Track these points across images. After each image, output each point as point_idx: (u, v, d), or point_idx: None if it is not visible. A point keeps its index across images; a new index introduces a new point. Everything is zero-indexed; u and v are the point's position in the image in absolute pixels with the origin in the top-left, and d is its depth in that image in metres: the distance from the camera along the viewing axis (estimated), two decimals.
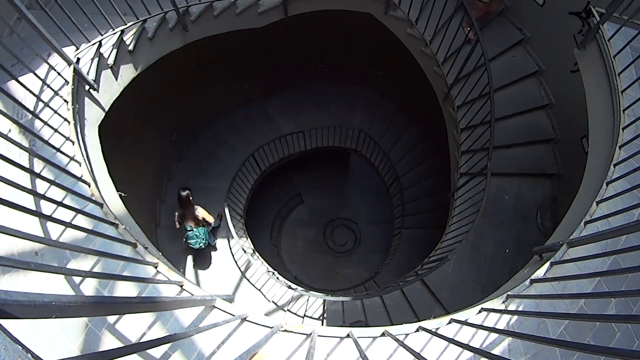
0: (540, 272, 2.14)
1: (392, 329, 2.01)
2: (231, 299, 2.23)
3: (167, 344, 1.83)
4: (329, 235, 9.76)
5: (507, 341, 1.94)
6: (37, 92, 2.56)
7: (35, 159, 2.35)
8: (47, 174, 2.33)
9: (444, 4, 4.30)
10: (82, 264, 2.13)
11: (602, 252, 1.86)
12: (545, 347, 1.89)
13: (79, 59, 2.92)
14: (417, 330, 2.02)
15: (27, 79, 2.48)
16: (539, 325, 2.01)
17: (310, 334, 1.95)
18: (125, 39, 3.34)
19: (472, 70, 4.22)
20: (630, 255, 2.05)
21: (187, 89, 6.61)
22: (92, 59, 3.02)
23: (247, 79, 7.70)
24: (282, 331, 1.97)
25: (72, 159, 2.47)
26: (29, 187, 2.22)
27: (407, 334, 2.01)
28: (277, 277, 6.15)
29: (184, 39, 3.98)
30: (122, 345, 1.83)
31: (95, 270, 2.10)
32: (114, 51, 3.21)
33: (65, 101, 2.69)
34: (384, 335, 1.98)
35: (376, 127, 8.34)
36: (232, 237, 6.42)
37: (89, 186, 2.39)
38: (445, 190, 5.42)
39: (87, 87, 2.98)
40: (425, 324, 2.04)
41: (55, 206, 2.13)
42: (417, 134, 8.21)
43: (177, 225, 5.43)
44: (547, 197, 4.67)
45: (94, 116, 3.07)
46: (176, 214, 5.38)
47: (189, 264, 6.44)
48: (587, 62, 3.09)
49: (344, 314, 4.99)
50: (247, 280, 6.23)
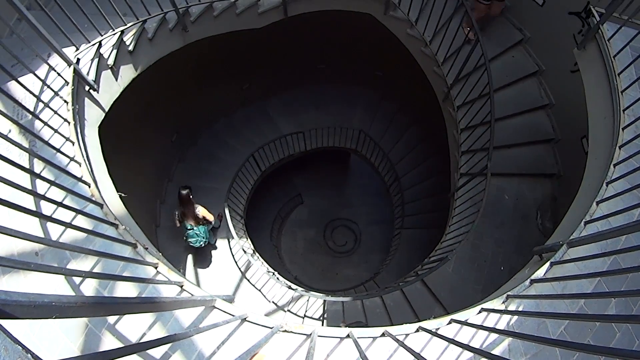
0: (540, 272, 2.14)
1: (392, 329, 2.01)
2: (231, 300, 2.23)
3: (167, 344, 1.83)
4: (329, 235, 9.76)
5: (507, 341, 1.94)
6: (37, 93, 2.56)
7: (35, 160, 2.35)
8: (47, 174, 2.33)
9: (443, 4, 4.30)
10: (82, 264, 2.13)
11: (602, 252, 1.86)
12: (545, 347, 1.89)
13: (79, 60, 2.93)
14: (417, 330, 2.02)
15: (27, 80, 2.48)
16: (539, 325, 2.01)
17: (310, 335, 1.95)
18: (125, 39, 3.34)
19: (472, 70, 4.22)
20: (630, 255, 2.05)
21: (187, 89, 6.61)
22: (92, 60, 3.03)
23: (247, 80, 7.70)
24: (282, 331, 1.97)
25: (72, 159, 2.47)
26: (29, 187, 2.22)
27: (407, 334, 2.01)
28: (277, 278, 6.15)
29: (183, 40, 3.98)
30: (122, 345, 1.83)
31: (95, 270, 2.10)
32: (114, 52, 3.21)
33: (65, 102, 2.69)
34: (384, 335, 1.98)
35: (376, 127, 8.34)
36: (232, 238, 6.42)
37: (89, 187, 2.40)
38: (445, 190, 5.42)
39: (87, 88, 2.99)
40: (425, 324, 2.04)
41: (55, 207, 2.13)
42: (417, 134, 8.21)
43: (178, 223, 5.43)
44: (547, 197, 4.67)
45: (94, 117, 3.07)
46: (176, 212, 5.38)
47: (189, 265, 6.44)
48: (587, 62, 3.09)
49: (344, 314, 4.98)
50: (247, 280, 6.23)
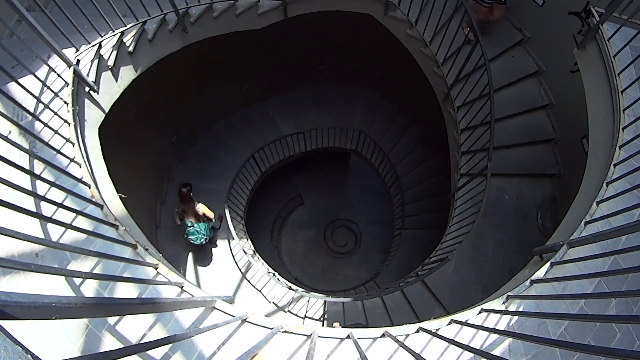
0: (540, 273, 2.14)
1: (393, 330, 2.01)
2: (231, 300, 2.23)
3: (168, 345, 1.83)
4: (329, 236, 9.76)
5: (507, 342, 1.94)
6: (37, 94, 2.56)
7: (35, 161, 2.35)
8: (47, 175, 2.33)
9: (443, 4, 4.30)
10: (83, 265, 2.13)
11: (603, 253, 1.86)
12: (545, 348, 1.89)
13: (78, 61, 2.93)
14: (417, 331, 2.02)
15: (27, 81, 2.48)
16: (540, 325, 2.00)
17: (310, 335, 1.95)
18: (125, 40, 3.34)
19: (472, 70, 4.22)
20: (630, 255, 2.05)
21: (187, 90, 6.61)
22: (92, 61, 3.03)
23: (247, 80, 7.70)
24: (283, 332, 1.97)
25: (72, 160, 2.47)
26: (29, 188, 2.22)
27: (407, 335, 2.01)
28: (278, 278, 6.15)
29: (183, 41, 3.98)
30: (122, 346, 1.83)
31: (95, 271, 2.10)
32: (114, 53, 3.21)
33: (65, 103, 2.70)
34: (384, 336, 1.98)
35: (376, 127, 8.34)
36: (233, 238, 6.42)
37: (89, 187, 2.40)
38: (445, 190, 5.42)
39: (87, 89, 2.99)
40: (425, 325, 2.04)
41: (55, 208, 2.13)
42: (417, 134, 8.21)
43: (178, 221, 5.43)
44: (547, 197, 4.67)
45: (94, 117, 3.07)
46: (176, 210, 5.38)
47: (190, 265, 6.44)
48: (587, 62, 3.09)
49: (344, 315, 4.98)
50: (248, 281, 6.23)
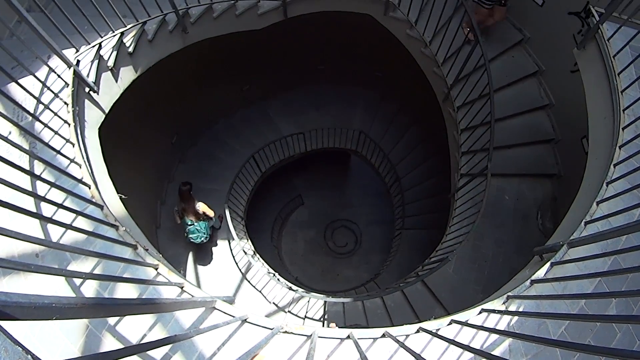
0: (540, 273, 2.14)
1: (393, 330, 2.01)
2: (232, 301, 2.23)
3: (168, 346, 1.83)
4: (329, 236, 9.76)
5: (507, 342, 1.94)
6: (37, 95, 2.57)
7: (35, 161, 2.35)
8: (47, 176, 2.33)
9: (443, 4, 4.31)
10: (83, 265, 2.13)
11: (603, 253, 1.86)
12: (545, 348, 1.89)
13: (78, 61, 2.93)
14: (417, 331, 2.02)
15: (27, 81, 2.48)
16: (540, 325, 2.00)
17: (310, 335, 1.95)
18: (125, 41, 3.34)
19: (472, 70, 4.22)
20: (630, 255, 2.05)
21: (187, 90, 6.62)
22: (92, 61, 3.03)
23: (247, 80, 7.71)
24: (283, 332, 1.97)
25: (72, 161, 2.47)
26: (30, 189, 2.22)
27: (407, 335, 2.01)
28: (278, 279, 6.15)
29: (183, 41, 3.98)
30: (122, 346, 1.83)
31: (95, 272, 2.10)
32: (114, 53, 3.21)
33: (65, 103, 2.70)
34: (384, 336, 1.98)
35: (376, 128, 8.34)
36: (233, 239, 6.42)
37: (89, 188, 2.40)
38: (445, 191, 5.42)
39: (87, 89, 2.99)
40: (425, 325, 2.03)
41: (55, 208, 2.13)
42: (418, 134, 8.21)
43: (178, 220, 5.43)
44: (547, 197, 4.67)
45: (94, 118, 3.08)
46: (176, 208, 5.37)
47: (190, 266, 6.44)
48: (587, 62, 3.09)
49: (344, 315, 4.98)
50: (248, 281, 6.23)
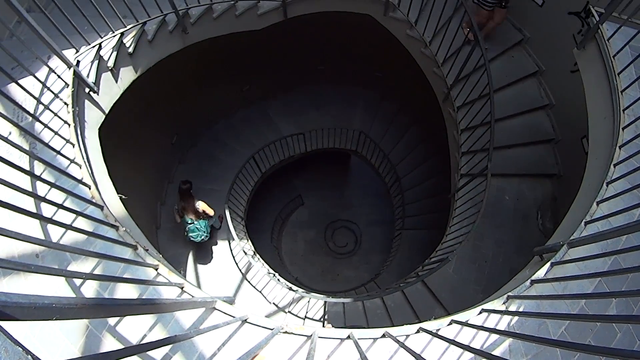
0: (540, 273, 2.14)
1: (393, 330, 2.00)
2: (232, 301, 2.23)
3: (168, 346, 1.83)
4: (329, 236, 9.76)
5: (507, 342, 1.94)
6: (37, 95, 2.57)
7: (35, 162, 2.35)
8: (47, 176, 2.33)
9: (443, 4, 4.31)
10: (83, 266, 2.13)
11: (603, 253, 1.86)
12: (546, 348, 1.89)
13: (78, 62, 2.93)
14: (417, 331, 2.01)
15: (27, 82, 2.48)
16: (540, 325, 2.00)
17: (310, 336, 1.95)
18: (125, 41, 3.34)
19: (471, 71, 4.22)
20: (630, 255, 2.04)
21: (187, 90, 6.62)
22: (92, 62, 3.03)
23: (247, 81, 7.71)
24: (283, 333, 1.97)
25: (72, 161, 2.47)
26: (30, 189, 2.22)
27: (407, 335, 2.01)
28: (278, 279, 6.15)
29: (183, 41, 3.98)
30: (122, 347, 1.83)
31: (95, 272, 2.10)
32: (114, 54, 3.21)
33: (65, 104, 2.70)
34: (384, 336, 1.98)
35: (376, 128, 8.34)
36: (233, 239, 6.42)
37: (90, 188, 2.40)
38: (445, 191, 5.42)
39: (87, 90, 2.99)
40: (426, 325, 2.03)
41: (55, 208, 2.13)
42: (418, 135, 8.21)
43: (178, 218, 5.42)
44: (547, 197, 4.67)
45: (94, 118, 3.08)
46: (176, 207, 5.37)
47: (190, 266, 6.44)
48: (587, 62, 3.09)
49: (344, 315, 4.98)
50: (248, 282, 6.23)
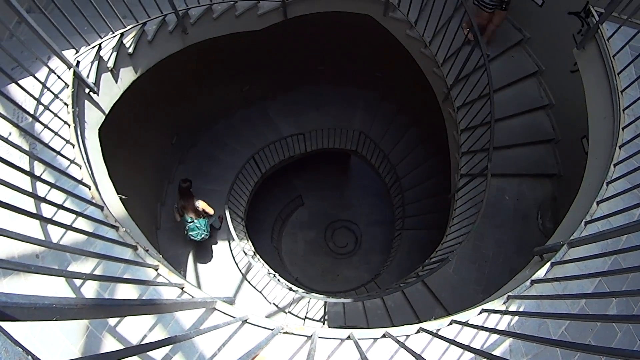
0: (541, 273, 2.14)
1: (393, 331, 2.00)
2: (232, 301, 2.23)
3: (168, 346, 1.83)
4: (329, 237, 9.75)
5: (508, 342, 1.94)
6: (37, 96, 2.57)
7: (35, 162, 2.35)
8: (47, 176, 2.33)
9: (443, 4, 4.31)
10: (83, 266, 2.13)
11: (603, 252, 1.86)
12: (546, 348, 1.88)
13: (78, 62, 2.93)
14: (418, 331, 2.01)
15: (27, 82, 2.48)
16: (540, 325, 2.00)
17: (311, 336, 1.95)
18: (125, 41, 3.34)
19: (471, 71, 4.22)
20: (631, 255, 2.04)
21: (187, 91, 6.62)
22: (92, 62, 3.03)
23: (247, 81, 7.71)
24: (283, 333, 1.97)
25: (72, 161, 2.47)
26: (30, 190, 2.22)
27: (408, 336, 2.01)
28: (278, 279, 6.15)
29: (183, 42, 3.98)
30: (123, 347, 1.83)
31: (95, 272, 2.10)
32: (114, 54, 3.21)
33: (65, 104, 2.70)
34: (384, 336, 1.98)
35: (376, 128, 8.34)
36: (233, 239, 6.42)
37: (90, 189, 2.40)
38: (445, 191, 5.42)
39: (87, 90, 2.99)
40: (426, 325, 2.03)
41: (55, 209, 2.13)
42: (418, 135, 8.21)
43: (178, 217, 5.43)
44: (547, 197, 4.67)
45: (94, 119, 3.08)
46: (176, 206, 5.37)
47: (190, 266, 6.44)
48: (587, 61, 3.09)
49: (345, 315, 4.98)
50: (248, 282, 6.23)
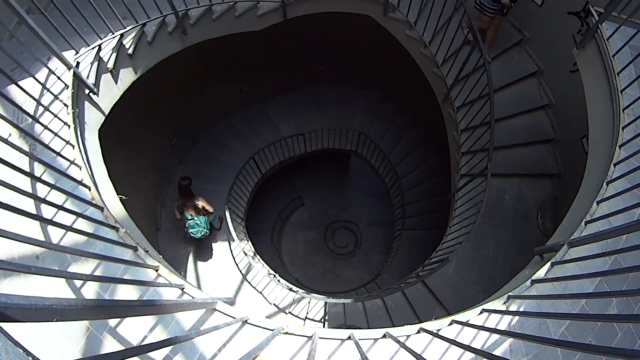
0: (541, 273, 2.14)
1: (394, 331, 2.00)
2: (232, 302, 2.23)
3: (169, 347, 1.83)
4: (329, 237, 9.75)
5: (508, 342, 1.94)
6: (37, 96, 2.57)
7: (35, 163, 2.36)
8: (47, 177, 2.34)
9: (442, 4, 4.31)
10: (83, 267, 2.13)
11: (603, 252, 1.86)
12: (546, 348, 1.88)
13: (78, 63, 2.93)
14: (418, 331, 2.01)
15: (27, 83, 2.48)
16: (541, 325, 2.00)
17: (311, 336, 1.94)
18: (124, 42, 3.34)
19: (471, 71, 4.22)
20: (631, 254, 2.04)
21: (187, 91, 6.62)
22: (92, 63, 3.03)
23: (247, 82, 7.71)
24: (283, 333, 1.97)
25: (72, 162, 2.47)
26: (30, 191, 2.22)
27: (408, 336, 2.01)
28: (278, 280, 6.14)
29: (183, 43, 3.99)
30: (123, 348, 1.83)
31: (96, 273, 2.10)
32: (114, 55, 3.22)
33: (65, 105, 2.70)
34: (385, 337, 1.98)
35: (376, 128, 8.34)
36: (233, 240, 6.42)
37: (90, 190, 2.40)
38: (445, 191, 5.42)
39: (87, 91, 2.99)
40: (426, 326, 2.03)
41: (55, 210, 2.13)
42: (417, 135, 8.21)
43: (178, 215, 5.43)
44: (547, 197, 4.67)
45: (94, 120, 3.08)
46: (176, 203, 5.37)
47: (190, 267, 6.44)
48: (587, 61, 3.09)
49: (345, 316, 4.97)
50: (248, 282, 6.23)
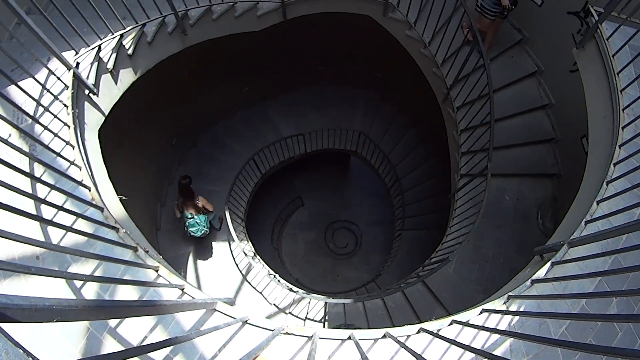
0: (541, 273, 2.14)
1: (394, 331, 2.00)
2: (232, 302, 2.23)
3: (169, 347, 1.83)
4: (329, 237, 9.75)
5: (508, 342, 1.94)
6: (37, 97, 2.57)
7: (35, 164, 2.35)
8: (47, 178, 2.33)
9: (442, 4, 4.31)
10: (83, 268, 2.13)
11: (603, 252, 1.86)
12: (547, 348, 1.88)
13: (78, 64, 2.93)
14: (418, 331, 2.01)
15: (27, 84, 2.48)
16: (541, 325, 2.00)
17: (311, 337, 1.94)
18: (124, 43, 3.35)
19: (471, 71, 4.22)
20: (631, 254, 2.04)
21: (186, 92, 6.62)
22: (92, 63, 3.03)
23: (247, 82, 7.71)
24: (284, 334, 1.97)
25: (72, 163, 2.47)
26: (30, 191, 2.22)
27: (408, 336, 2.01)
28: (278, 280, 6.14)
29: (183, 43, 3.99)
30: (123, 348, 1.83)
31: (96, 274, 2.10)
32: (114, 55, 3.22)
33: (65, 105, 2.70)
34: (385, 337, 1.98)
35: (376, 128, 8.34)
36: (233, 240, 6.42)
37: (89, 190, 2.40)
38: (445, 191, 5.42)
39: (86, 92, 2.99)
40: (426, 326, 2.03)
41: (55, 210, 2.13)
42: (417, 135, 8.21)
43: (178, 214, 5.43)
44: (547, 197, 4.67)
45: (94, 120, 3.08)
46: (176, 202, 5.37)
47: (190, 267, 6.44)
48: (586, 61, 3.09)
49: (345, 316, 4.97)
50: (248, 283, 6.23)
